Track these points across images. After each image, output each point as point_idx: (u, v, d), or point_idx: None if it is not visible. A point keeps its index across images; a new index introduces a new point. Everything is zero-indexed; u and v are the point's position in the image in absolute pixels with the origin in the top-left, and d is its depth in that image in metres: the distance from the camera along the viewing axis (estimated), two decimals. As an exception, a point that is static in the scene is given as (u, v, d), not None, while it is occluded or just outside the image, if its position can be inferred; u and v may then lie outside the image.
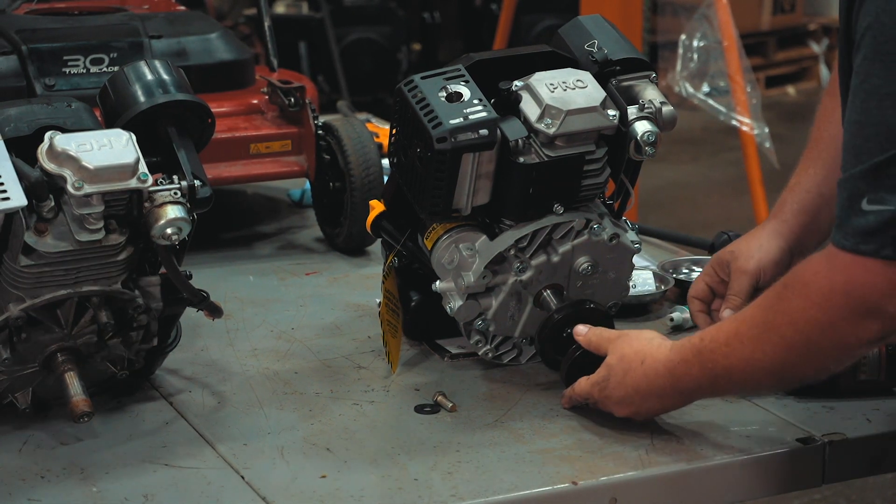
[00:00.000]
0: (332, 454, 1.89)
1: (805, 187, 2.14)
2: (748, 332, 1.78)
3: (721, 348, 1.81)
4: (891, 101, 1.65)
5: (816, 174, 2.13)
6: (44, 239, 1.83)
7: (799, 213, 2.14)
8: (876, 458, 1.95)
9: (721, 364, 1.81)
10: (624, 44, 2.12)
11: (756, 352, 1.78)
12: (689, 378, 1.86)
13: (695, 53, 5.01)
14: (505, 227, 2.05)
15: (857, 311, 1.68)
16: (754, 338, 1.78)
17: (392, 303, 2.15)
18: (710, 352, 1.82)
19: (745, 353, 1.79)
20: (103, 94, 2.00)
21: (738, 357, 1.80)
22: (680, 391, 1.88)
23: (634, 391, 1.90)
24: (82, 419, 1.87)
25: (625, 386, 1.91)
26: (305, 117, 2.66)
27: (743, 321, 1.80)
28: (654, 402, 1.90)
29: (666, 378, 1.87)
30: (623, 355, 1.92)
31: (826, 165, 2.12)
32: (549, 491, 1.81)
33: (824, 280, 1.70)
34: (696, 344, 1.85)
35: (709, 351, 1.83)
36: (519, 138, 1.99)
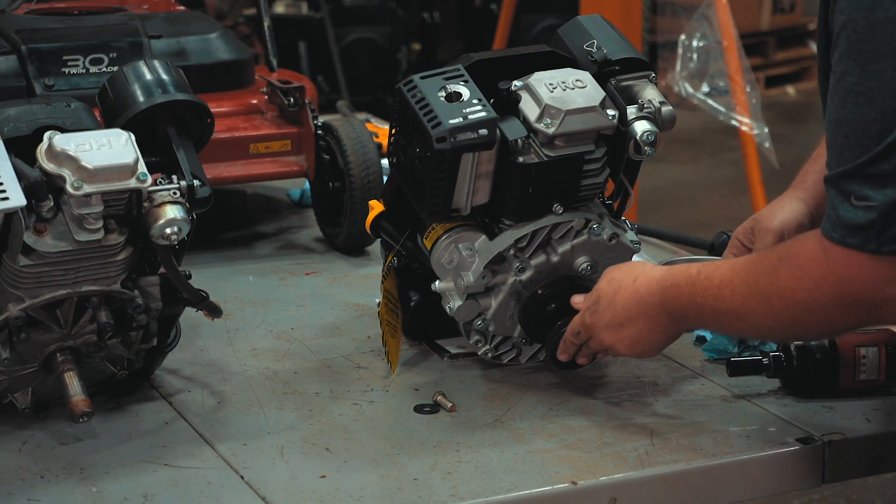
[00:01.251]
0: (331, 454, 1.89)
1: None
2: (740, 287, 1.82)
3: (713, 290, 1.85)
4: (865, 99, 1.69)
5: None
6: (43, 239, 1.83)
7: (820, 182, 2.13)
8: (875, 458, 1.95)
9: (710, 304, 1.86)
10: (623, 44, 2.12)
11: (744, 308, 1.82)
12: (678, 302, 1.89)
13: (694, 53, 5.01)
14: (504, 226, 2.05)
15: (844, 300, 1.74)
16: (745, 295, 1.82)
17: (391, 303, 2.15)
18: (702, 289, 1.86)
19: (734, 304, 1.83)
20: (102, 94, 2.00)
21: (727, 305, 1.84)
22: (669, 312, 1.91)
23: (624, 310, 1.93)
24: (82, 419, 1.87)
25: (615, 306, 1.94)
26: (305, 117, 2.66)
27: (737, 272, 1.84)
28: (643, 323, 1.92)
29: (657, 295, 1.91)
30: (613, 277, 1.96)
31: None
32: (549, 491, 1.81)
33: (817, 268, 1.75)
34: (693, 275, 1.88)
35: (702, 288, 1.86)
36: (518, 138, 1.99)
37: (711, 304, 1.85)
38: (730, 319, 1.86)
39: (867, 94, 1.68)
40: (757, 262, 1.83)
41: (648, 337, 1.94)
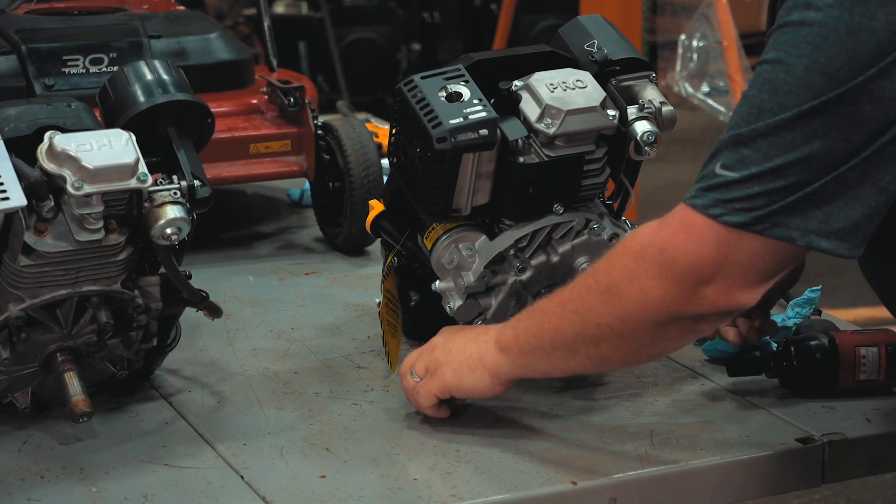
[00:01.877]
0: (331, 454, 1.89)
1: None
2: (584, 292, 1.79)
3: (553, 307, 1.82)
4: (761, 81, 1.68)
5: None
6: (43, 239, 1.83)
7: None
8: (875, 458, 1.95)
9: (541, 305, 1.84)
10: (624, 44, 2.12)
11: (572, 292, 1.80)
12: (511, 332, 1.86)
13: (694, 53, 5.01)
14: (505, 226, 2.05)
15: (665, 272, 1.70)
16: (577, 282, 1.81)
17: (392, 302, 2.15)
18: (541, 310, 1.84)
19: (565, 294, 1.81)
20: (103, 94, 2.00)
21: (558, 298, 1.82)
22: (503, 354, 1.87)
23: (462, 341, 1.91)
24: (82, 419, 1.87)
25: (450, 344, 1.92)
26: (305, 117, 2.66)
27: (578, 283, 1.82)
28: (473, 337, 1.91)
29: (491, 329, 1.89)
30: (447, 325, 1.99)
31: None
32: (549, 491, 1.80)
33: (649, 233, 1.74)
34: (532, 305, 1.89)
35: (540, 309, 1.84)
36: (519, 138, 1.99)
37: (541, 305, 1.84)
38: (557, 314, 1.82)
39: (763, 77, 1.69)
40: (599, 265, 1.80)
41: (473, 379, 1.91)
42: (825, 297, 2.21)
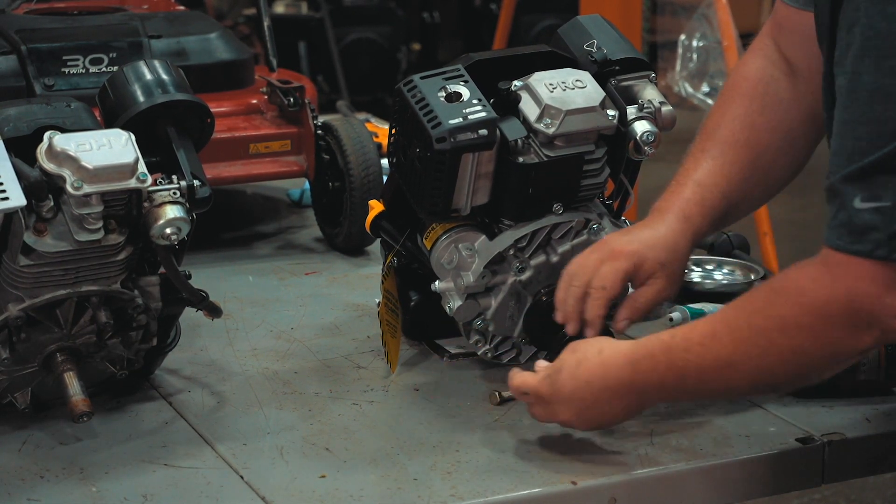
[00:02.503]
0: (331, 454, 1.89)
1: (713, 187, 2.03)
2: (729, 334, 1.73)
3: (695, 347, 1.74)
4: (881, 96, 1.61)
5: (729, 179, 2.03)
6: (43, 239, 1.83)
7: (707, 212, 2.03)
8: (875, 458, 1.95)
9: (693, 363, 1.75)
10: (623, 44, 2.12)
11: (736, 354, 1.72)
12: (652, 374, 1.78)
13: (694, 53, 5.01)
14: (504, 226, 2.05)
15: (854, 322, 1.64)
16: (736, 340, 1.72)
17: (391, 303, 2.15)
18: (682, 350, 1.75)
19: (722, 354, 1.73)
20: (102, 94, 2.00)
21: (714, 357, 1.73)
22: (638, 390, 1.80)
23: (587, 384, 1.80)
24: (82, 419, 1.87)
25: (578, 377, 1.81)
26: (305, 117, 2.66)
27: (720, 321, 1.75)
28: (606, 401, 1.81)
29: (625, 370, 1.79)
30: (576, 348, 1.85)
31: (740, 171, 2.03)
32: (549, 491, 1.80)
33: (823, 289, 1.65)
34: (666, 340, 1.78)
35: (681, 349, 1.75)
36: (518, 138, 1.99)
37: (695, 363, 1.74)
38: (718, 374, 1.74)
39: (883, 91, 1.60)
40: (743, 305, 1.73)
41: (607, 414, 1.83)
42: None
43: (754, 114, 2.04)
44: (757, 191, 2.06)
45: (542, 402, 1.85)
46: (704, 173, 2.02)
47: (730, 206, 2.03)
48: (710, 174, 2.02)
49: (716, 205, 2.02)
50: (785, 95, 2.05)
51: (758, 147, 2.03)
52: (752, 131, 2.03)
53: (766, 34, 2.10)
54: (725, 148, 2.03)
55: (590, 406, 1.82)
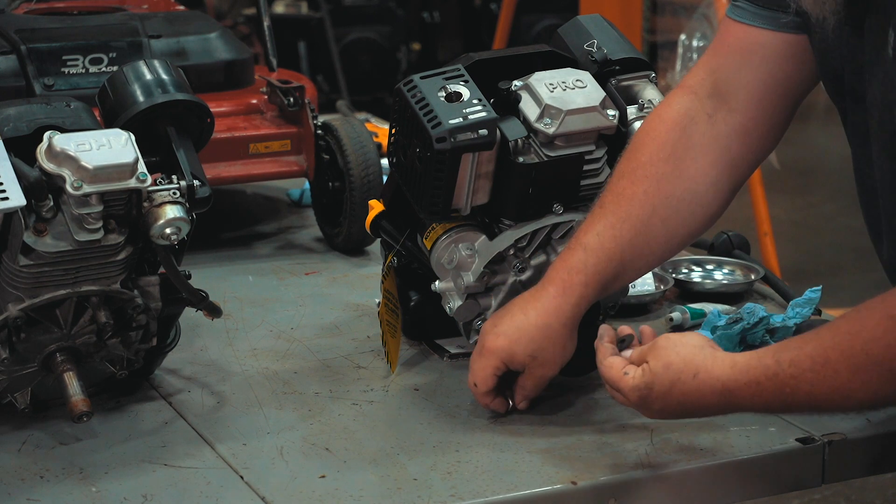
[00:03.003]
0: (331, 454, 1.89)
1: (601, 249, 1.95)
2: (843, 362, 1.68)
3: (805, 374, 1.69)
4: None
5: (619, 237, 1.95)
6: (43, 239, 1.83)
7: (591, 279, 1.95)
8: (876, 458, 1.95)
9: (804, 390, 1.70)
10: (623, 43, 2.12)
11: (853, 381, 1.68)
12: (757, 399, 1.74)
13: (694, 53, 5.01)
14: (504, 226, 2.05)
15: None
16: (853, 368, 1.67)
17: (391, 303, 2.15)
18: (791, 377, 1.70)
19: (837, 383, 1.68)
20: (102, 94, 2.00)
21: (827, 386, 1.69)
22: (738, 408, 1.77)
23: (680, 405, 1.78)
24: (81, 419, 1.87)
25: (669, 399, 1.77)
26: (305, 117, 2.66)
27: (832, 348, 1.69)
28: (702, 413, 1.81)
29: (724, 396, 1.75)
30: (669, 363, 1.77)
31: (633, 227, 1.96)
32: (549, 491, 1.80)
33: None
34: (772, 367, 1.71)
35: (790, 377, 1.70)
36: (518, 138, 1.99)
37: (806, 391, 1.69)
38: (831, 401, 1.71)
39: None
40: (858, 331, 1.68)
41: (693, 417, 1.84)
42: (825, 297, 2.21)
43: (659, 162, 1.97)
44: (654, 246, 1.98)
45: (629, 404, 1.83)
46: (593, 236, 1.95)
47: (620, 267, 1.96)
48: (598, 236, 1.95)
49: (601, 269, 1.94)
50: (700, 140, 2.00)
51: (656, 198, 1.96)
52: (651, 182, 1.96)
53: (703, 64, 2.05)
54: (621, 202, 1.97)
55: (678, 415, 1.82)
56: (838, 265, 5.99)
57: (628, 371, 1.81)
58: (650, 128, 2.02)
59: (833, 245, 6.20)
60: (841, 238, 6.25)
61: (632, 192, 1.96)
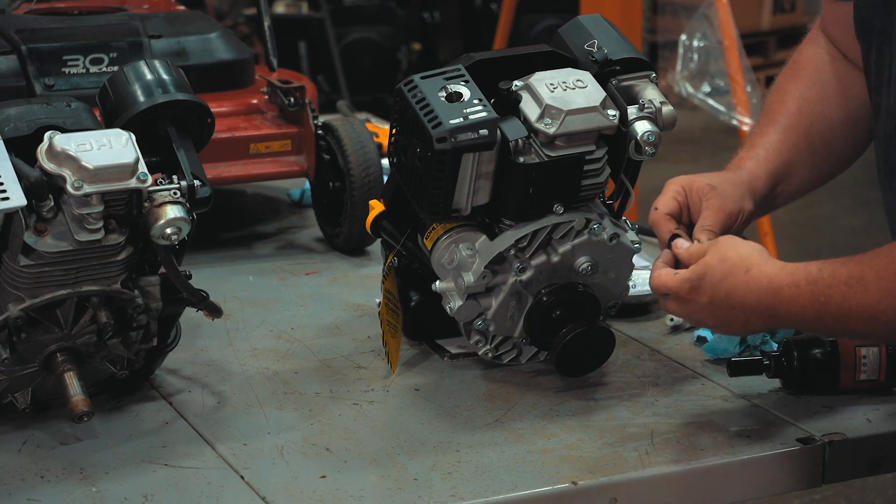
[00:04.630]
0: (331, 454, 1.89)
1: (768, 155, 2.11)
2: (877, 282, 1.73)
3: (840, 287, 1.75)
4: None
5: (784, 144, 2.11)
6: (43, 239, 1.83)
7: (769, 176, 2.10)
8: (876, 458, 1.95)
9: (836, 302, 1.76)
10: (624, 43, 2.11)
11: (882, 303, 1.73)
12: (794, 304, 1.79)
13: (695, 53, 5.01)
14: (505, 227, 2.05)
15: None
16: (884, 290, 1.73)
17: (392, 303, 2.15)
18: (826, 286, 1.76)
19: (867, 301, 1.74)
20: (103, 94, 2.00)
21: (857, 302, 1.74)
22: (776, 314, 1.82)
23: (727, 297, 1.84)
24: (82, 419, 1.87)
25: (719, 290, 1.84)
26: (305, 117, 2.66)
27: (871, 266, 1.74)
28: (743, 316, 1.84)
29: (768, 294, 1.81)
30: (725, 257, 1.85)
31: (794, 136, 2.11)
32: (549, 491, 1.80)
33: None
34: (813, 273, 1.78)
35: (826, 285, 1.77)
36: (519, 138, 1.99)
37: (837, 304, 1.75)
38: (859, 319, 1.76)
39: None
40: (892, 253, 1.73)
41: (743, 326, 1.88)
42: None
43: (806, 89, 2.12)
44: (816, 158, 2.11)
45: (679, 300, 1.89)
46: (762, 139, 2.11)
47: (787, 167, 2.09)
48: (767, 139, 2.10)
49: (771, 160, 2.08)
50: (838, 76, 2.11)
51: (812, 116, 2.10)
52: (804, 103, 2.11)
53: (817, 27, 2.17)
54: (779, 119, 2.11)
55: (726, 316, 1.86)
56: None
57: (679, 272, 1.89)
58: (790, 69, 2.16)
59: (833, 245, 6.20)
60: (841, 238, 6.25)
61: (786, 111, 2.11)
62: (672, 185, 2.07)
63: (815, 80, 2.13)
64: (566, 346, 2.02)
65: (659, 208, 2.04)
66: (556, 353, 2.03)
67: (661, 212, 2.04)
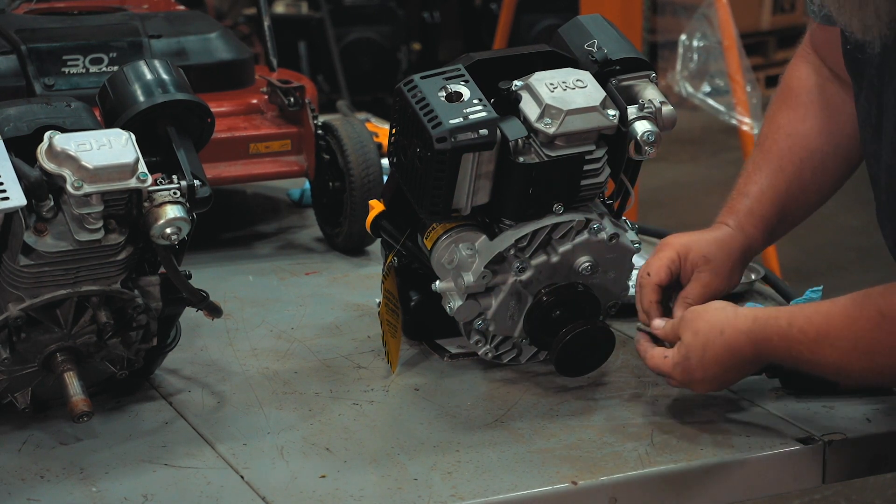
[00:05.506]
0: (331, 454, 1.89)
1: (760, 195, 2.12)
2: (838, 342, 1.81)
3: (809, 343, 1.83)
4: None
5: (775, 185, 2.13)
6: (43, 239, 1.83)
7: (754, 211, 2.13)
8: (876, 458, 1.95)
9: (806, 357, 1.85)
10: (624, 43, 2.11)
11: (843, 362, 1.83)
12: (773, 355, 1.89)
13: (695, 53, 5.01)
14: (505, 226, 2.05)
15: None
16: (844, 350, 1.81)
17: (392, 303, 2.15)
18: (797, 342, 1.84)
19: (833, 358, 1.82)
20: (102, 94, 2.00)
21: (825, 357, 1.83)
22: (762, 360, 1.91)
23: (717, 364, 1.91)
24: (82, 419, 1.87)
25: (706, 362, 1.91)
26: (305, 117, 2.66)
27: (834, 327, 1.82)
28: (735, 372, 1.93)
29: (748, 348, 1.89)
30: (697, 330, 1.92)
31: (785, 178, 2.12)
32: (549, 491, 1.80)
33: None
34: (784, 328, 1.86)
35: (797, 342, 1.84)
36: (519, 138, 1.99)
37: (807, 358, 1.85)
38: (828, 371, 1.88)
39: None
40: (855, 317, 1.80)
41: (737, 378, 1.96)
42: (826, 296, 2.21)
43: (797, 121, 2.13)
44: (809, 193, 2.13)
45: (679, 382, 1.96)
46: (753, 185, 2.13)
47: (782, 213, 2.12)
48: (758, 185, 2.12)
49: (765, 212, 2.11)
50: (830, 101, 2.12)
51: (802, 153, 2.12)
52: (795, 139, 2.12)
53: (807, 42, 2.18)
54: (771, 158, 2.13)
55: (724, 377, 1.94)
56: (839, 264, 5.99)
57: (667, 354, 1.96)
58: (781, 94, 2.18)
59: (834, 244, 6.20)
60: (841, 237, 6.25)
61: (778, 149, 2.12)
62: (668, 251, 2.09)
63: (806, 111, 2.13)
64: (566, 345, 2.02)
65: (651, 275, 2.07)
66: (556, 352, 2.03)
67: (652, 280, 2.07)
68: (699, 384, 1.95)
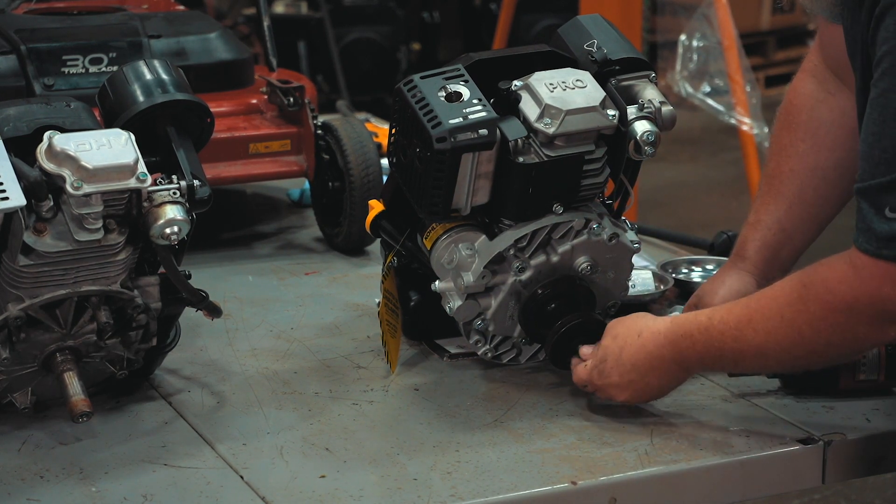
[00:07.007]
0: (331, 454, 1.89)
1: (766, 224, 2.16)
2: (762, 323, 1.82)
3: (731, 331, 1.84)
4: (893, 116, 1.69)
5: (777, 209, 2.15)
6: (43, 238, 1.83)
7: (762, 250, 2.16)
8: (876, 458, 1.95)
9: (730, 347, 1.85)
10: (623, 43, 2.11)
11: (769, 342, 1.82)
12: (692, 353, 1.89)
13: (694, 53, 5.01)
14: (504, 226, 2.05)
15: (880, 319, 1.74)
16: (769, 330, 1.81)
17: (391, 303, 2.15)
18: (719, 332, 1.85)
19: (756, 341, 1.83)
20: (102, 94, 2.00)
21: (748, 343, 1.83)
22: (680, 363, 1.91)
23: (633, 368, 1.92)
24: (81, 419, 1.87)
25: (622, 364, 1.93)
26: (304, 117, 2.66)
27: (756, 310, 1.83)
28: (654, 377, 1.92)
29: (666, 348, 1.90)
30: (616, 334, 1.96)
31: (787, 200, 2.15)
32: (549, 491, 1.80)
33: (850, 290, 1.74)
34: (703, 322, 1.88)
35: (718, 332, 1.85)
36: (518, 138, 1.99)
37: (731, 347, 1.85)
38: (753, 358, 1.86)
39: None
40: (776, 295, 1.82)
41: (657, 388, 1.95)
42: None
43: (798, 141, 2.14)
44: (813, 212, 2.16)
45: (596, 388, 1.97)
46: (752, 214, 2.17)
47: (786, 236, 2.15)
48: (755, 213, 2.17)
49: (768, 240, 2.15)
50: (828, 117, 2.13)
51: (802, 172, 2.13)
52: (796, 159, 2.14)
53: (814, 51, 2.19)
54: (773, 182, 2.17)
55: (640, 385, 1.94)
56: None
57: (587, 363, 1.98)
58: (783, 113, 2.19)
59: (832, 244, 6.18)
60: (840, 238, 6.23)
61: (780, 172, 2.15)
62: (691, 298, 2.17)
63: (808, 129, 2.15)
64: (561, 337, 2.02)
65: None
66: (551, 345, 2.03)
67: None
68: (616, 389, 1.94)
